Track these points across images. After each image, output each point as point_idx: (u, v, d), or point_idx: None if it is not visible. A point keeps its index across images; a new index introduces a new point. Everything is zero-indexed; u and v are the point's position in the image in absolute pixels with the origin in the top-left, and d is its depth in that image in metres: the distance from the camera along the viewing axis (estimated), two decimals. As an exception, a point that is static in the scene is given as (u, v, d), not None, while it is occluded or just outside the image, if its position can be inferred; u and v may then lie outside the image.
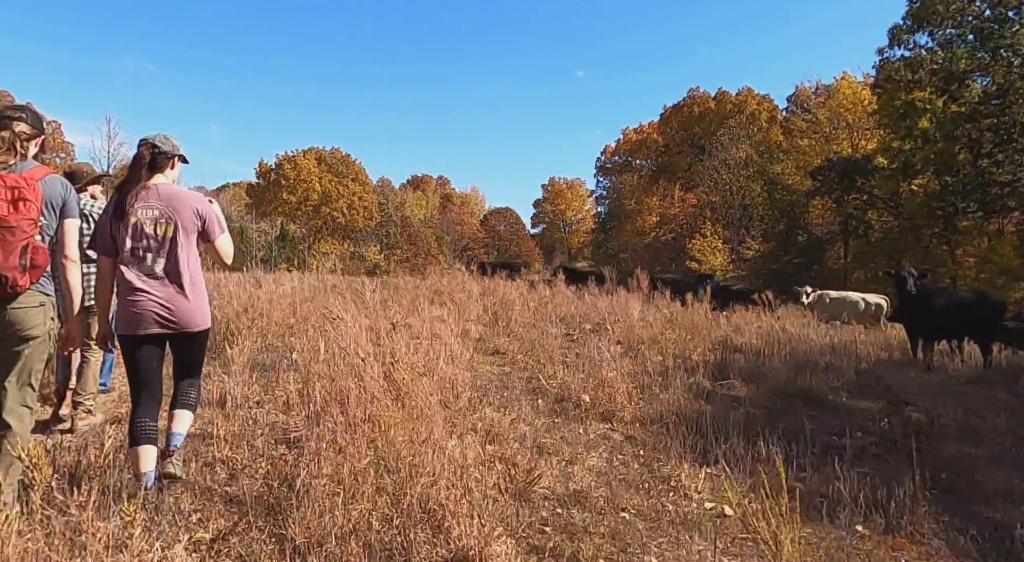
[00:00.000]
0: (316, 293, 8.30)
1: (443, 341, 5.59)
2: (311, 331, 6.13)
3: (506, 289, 11.18)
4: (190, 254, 2.71)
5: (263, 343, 5.62)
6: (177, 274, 2.65)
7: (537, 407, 4.50)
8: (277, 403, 4.13)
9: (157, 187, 2.70)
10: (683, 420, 4.12)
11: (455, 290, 10.67)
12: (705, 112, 46.85)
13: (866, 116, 30.45)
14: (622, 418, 4.27)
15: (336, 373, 3.84)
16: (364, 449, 2.61)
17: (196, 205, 2.74)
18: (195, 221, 2.72)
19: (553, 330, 7.35)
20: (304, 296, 7.67)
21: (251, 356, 5.03)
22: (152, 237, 2.62)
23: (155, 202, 2.66)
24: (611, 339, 7.53)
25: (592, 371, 5.01)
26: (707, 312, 9.94)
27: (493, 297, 10.28)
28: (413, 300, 9.36)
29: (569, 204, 69.64)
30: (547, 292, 11.88)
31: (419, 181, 69.09)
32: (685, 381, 5.40)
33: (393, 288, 10.91)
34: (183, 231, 2.67)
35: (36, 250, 2.37)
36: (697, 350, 7.37)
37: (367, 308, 7.76)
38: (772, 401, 5.27)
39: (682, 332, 7.94)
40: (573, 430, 4.05)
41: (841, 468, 3.12)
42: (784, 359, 6.96)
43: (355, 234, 48.94)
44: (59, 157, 41.38)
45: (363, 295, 9.50)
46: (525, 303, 9.76)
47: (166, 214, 2.65)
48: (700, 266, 32.71)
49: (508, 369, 5.77)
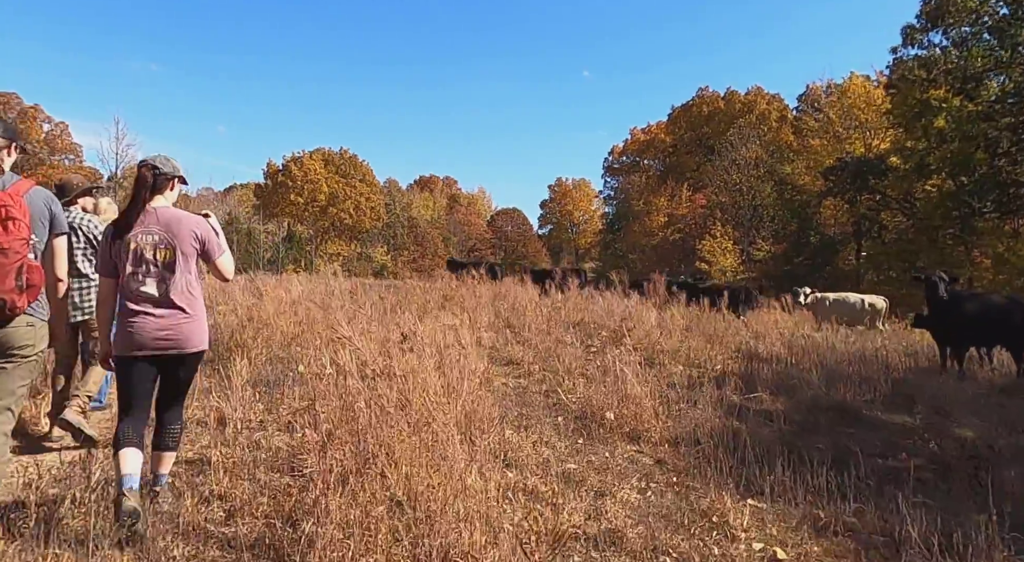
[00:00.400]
0: (323, 299, 8.04)
1: (459, 353, 5.32)
2: (319, 341, 5.88)
3: (517, 293, 10.91)
4: (189, 277, 2.74)
5: (268, 355, 5.36)
6: (176, 298, 2.68)
7: (558, 426, 4.22)
8: (281, 423, 3.86)
9: (156, 211, 2.73)
10: (716, 441, 3.82)
11: (465, 295, 10.41)
12: (714, 112, 46.44)
13: (879, 115, 29.97)
14: (650, 438, 3.98)
15: (345, 391, 3.58)
16: (377, 488, 2.33)
17: (195, 229, 2.76)
18: (194, 245, 2.75)
19: (569, 338, 7.07)
20: (312, 303, 7.42)
21: (255, 371, 4.77)
22: (151, 262, 2.65)
23: (154, 227, 2.68)
24: (630, 348, 7.24)
25: (615, 385, 4.72)
26: (724, 317, 9.64)
27: (504, 302, 10.01)
28: (423, 305, 9.10)
29: (576, 204, 69.32)
30: (559, 296, 11.60)
31: (426, 182, 68.96)
32: (712, 395, 5.10)
33: (402, 293, 10.66)
34: (182, 256, 2.71)
35: (31, 269, 2.33)
36: (718, 358, 7.07)
37: (377, 315, 7.50)
38: (805, 416, 4.97)
39: (702, 340, 7.64)
40: (599, 453, 3.76)
41: (902, 500, 2.82)
42: (812, 369, 6.65)
43: (362, 235, 48.79)
44: (67, 159, 41.40)
45: (373, 301, 9.26)
46: (537, 308, 9.48)
47: (165, 239, 2.68)
48: (710, 267, 32.34)
49: (524, 382, 5.49)
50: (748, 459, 3.48)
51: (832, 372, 6.47)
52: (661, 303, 10.06)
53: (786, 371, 6.54)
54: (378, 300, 8.72)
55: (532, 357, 6.23)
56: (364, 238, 48.94)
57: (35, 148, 38.56)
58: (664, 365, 6.59)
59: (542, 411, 4.55)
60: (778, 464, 3.27)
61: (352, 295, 8.80)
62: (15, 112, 38.26)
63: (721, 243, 32.64)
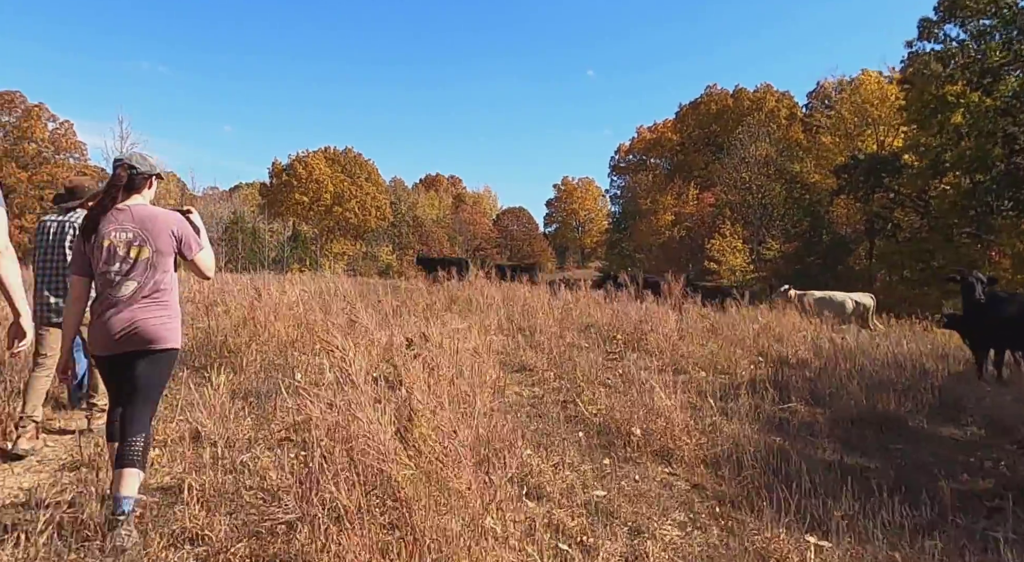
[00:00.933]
0: (325, 300, 7.64)
1: (470, 360, 4.92)
2: (319, 345, 5.48)
3: (526, 294, 10.49)
4: (164, 276, 2.68)
5: (262, 361, 4.96)
6: (149, 296, 2.63)
7: (580, 443, 3.80)
8: (272, 441, 3.46)
9: (131, 208, 2.67)
10: (760, 462, 3.40)
11: (472, 295, 9.99)
12: (723, 109, 45.83)
13: (893, 112, 29.39)
14: (683, 458, 3.55)
15: (343, 406, 3.17)
16: (378, 532, 1.92)
17: (172, 226, 2.70)
18: (171, 242, 2.68)
19: (585, 343, 6.64)
20: (312, 304, 7.01)
21: (246, 380, 4.37)
22: (125, 259, 2.60)
23: (129, 225, 2.63)
24: (648, 352, 6.82)
25: (639, 396, 4.30)
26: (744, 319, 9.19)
27: (513, 303, 9.59)
28: (429, 306, 8.70)
29: (582, 203, 68.85)
30: (569, 297, 11.16)
31: (432, 181, 68.59)
32: (745, 405, 4.67)
33: (407, 293, 10.26)
34: (157, 253, 2.65)
35: None
36: (744, 363, 6.63)
37: (381, 317, 7.10)
38: (849, 430, 4.54)
39: (725, 344, 7.20)
40: (628, 476, 3.34)
41: (999, 543, 2.39)
42: (846, 375, 6.20)
43: (367, 234, 48.48)
44: (72, 158, 41.19)
45: (377, 301, 8.85)
46: (548, 310, 9.06)
47: (140, 236, 2.62)
48: (719, 266, 31.84)
49: (539, 390, 5.07)
50: (802, 484, 3.05)
51: (868, 378, 6.03)
52: (678, 304, 9.61)
53: (818, 378, 6.10)
54: (383, 301, 8.32)
55: (546, 363, 5.81)
56: (369, 237, 48.61)
57: (38, 148, 38.44)
58: (687, 371, 6.16)
59: (561, 425, 4.13)
60: (842, 492, 2.85)
61: (356, 296, 8.41)
62: (19, 110, 38.12)
63: (731, 242, 32.13)
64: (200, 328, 5.85)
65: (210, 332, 5.57)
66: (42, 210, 36.11)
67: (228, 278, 10.72)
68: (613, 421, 4.04)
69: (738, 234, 32.49)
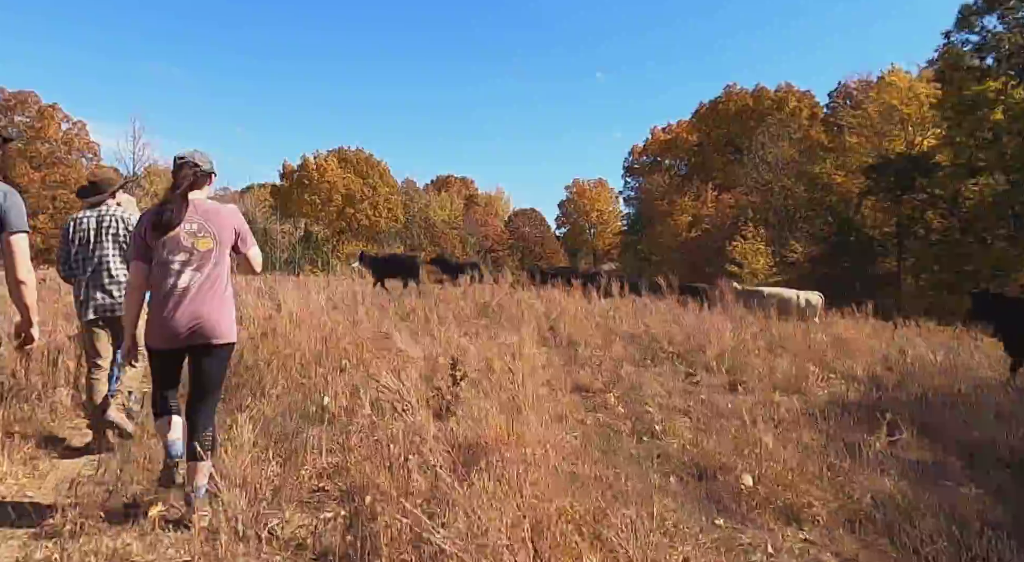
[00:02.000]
0: (349, 307, 6.99)
1: (513, 378, 4.24)
2: (346, 360, 4.82)
3: (561, 300, 9.80)
4: (223, 268, 2.76)
5: (285, 383, 4.29)
6: (209, 287, 2.68)
7: (671, 490, 3.10)
8: (303, 491, 2.79)
9: (195, 202, 2.75)
10: (906, 520, 2.68)
11: (505, 302, 9.32)
12: (743, 109, 44.82)
13: (923, 110, 28.39)
14: (815, 517, 2.84)
15: (385, 442, 2.51)
16: None
17: (234, 221, 2.82)
18: (231, 235, 2.78)
19: (636, 355, 5.95)
20: (336, 311, 6.36)
21: (268, 406, 3.72)
22: (189, 250, 2.66)
23: (194, 216, 2.71)
24: (707, 368, 6.11)
25: (731, 428, 3.59)
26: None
27: (548, 308, 8.90)
28: (458, 314, 8.03)
29: (593, 205, 68.12)
30: (604, 303, 10.46)
31: (443, 182, 68.01)
32: (845, 439, 3.94)
33: (431, 298, 9.59)
34: (219, 245, 2.73)
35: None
36: (818, 382, 5.90)
37: (412, 326, 6.43)
38: (987, 474, 3.79)
39: (789, 357, 6.47)
40: (756, 545, 2.63)
41: None
42: (938, 397, 5.46)
43: (379, 236, 48.00)
44: (85, 157, 40.99)
45: (404, 308, 8.19)
46: (587, 318, 8.36)
47: (204, 228, 2.70)
48: (741, 270, 30.95)
49: (603, 417, 4.36)
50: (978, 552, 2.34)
51: (966, 402, 5.28)
52: (729, 311, 8.88)
53: (906, 400, 5.36)
54: (411, 308, 7.67)
55: (603, 382, 5.11)
56: (381, 239, 48.11)
57: (52, 148, 38.25)
58: (755, 391, 5.44)
59: (642, 464, 3.43)
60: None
61: (381, 304, 7.76)
62: (33, 111, 37.97)
63: (753, 245, 31.19)
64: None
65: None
66: (54, 210, 35.93)
67: (242, 280, 10.13)
68: (708, 462, 3.33)
69: (761, 237, 31.56)
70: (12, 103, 37.41)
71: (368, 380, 4.64)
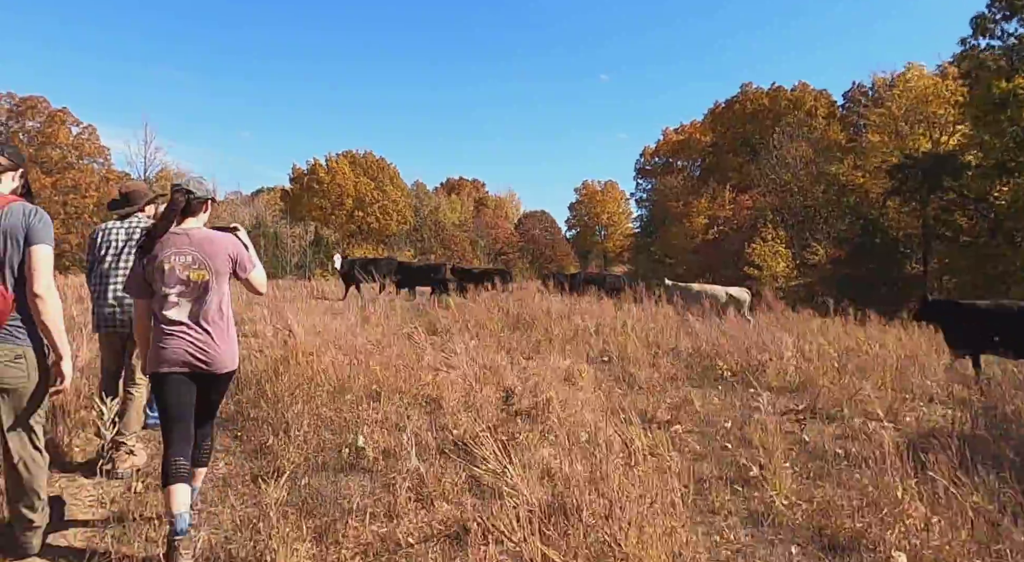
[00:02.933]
0: (367, 320, 6.44)
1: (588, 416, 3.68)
2: (376, 385, 4.26)
3: (592, 308, 9.22)
4: (222, 298, 2.75)
5: (312, 421, 3.73)
6: (209, 318, 2.69)
7: (793, 564, 2.50)
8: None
9: (189, 232, 2.73)
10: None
11: (535, 312, 8.73)
12: (760, 108, 44.02)
13: (948, 108, 27.59)
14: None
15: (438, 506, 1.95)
16: None
17: (228, 249, 2.77)
18: (228, 263, 2.76)
19: (693, 374, 5.36)
20: (358, 328, 5.80)
21: (294, 452, 3.17)
22: (185, 282, 2.66)
23: (187, 248, 2.69)
24: (772, 388, 5.50)
25: (842, 472, 2.99)
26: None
27: (582, 318, 8.31)
28: (495, 330, 7.45)
29: (604, 207, 67.47)
30: (633, 311, 9.86)
31: (454, 184, 67.61)
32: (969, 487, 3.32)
33: (457, 308, 9.03)
34: (216, 275, 2.71)
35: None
36: (902, 407, 5.26)
37: (442, 341, 5.86)
38: None
39: (861, 377, 5.83)
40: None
41: None
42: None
43: (389, 238, 47.59)
44: (96, 162, 40.81)
45: (429, 323, 7.63)
46: (625, 330, 7.76)
47: (199, 259, 2.69)
48: (760, 272, 30.23)
49: (680, 458, 3.76)
50: None
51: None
52: (782, 320, 8.25)
53: (1009, 428, 4.72)
54: (438, 319, 7.11)
55: (667, 410, 4.51)
56: (391, 242, 47.70)
57: (62, 153, 38.08)
58: (838, 418, 4.83)
59: (749, 532, 2.83)
60: None
61: (409, 317, 7.20)
62: (43, 116, 37.81)
63: (772, 247, 30.46)
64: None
65: (238, 380, 4.38)
66: (66, 215, 35.73)
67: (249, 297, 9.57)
68: (835, 527, 2.74)
69: (780, 238, 30.83)
70: (22, 108, 37.28)
71: (404, 410, 4.08)
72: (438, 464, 3.11)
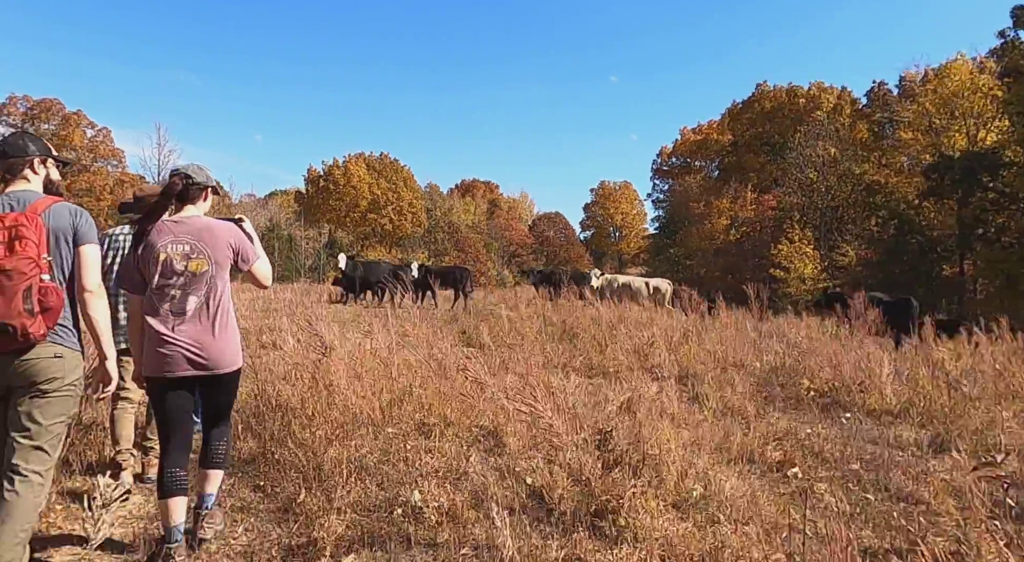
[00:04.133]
0: (421, 336, 5.68)
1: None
2: (426, 416, 3.52)
3: (640, 317, 8.44)
4: (222, 290, 2.53)
5: (352, 467, 2.98)
6: (208, 312, 2.48)
7: None
8: None
9: (187, 220, 2.54)
10: None
11: (580, 319, 7.97)
12: (778, 107, 42.92)
13: (986, 103, 26.43)
14: None
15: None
16: None
17: (229, 238, 2.57)
18: (228, 254, 2.55)
19: (770, 394, 4.57)
20: (391, 342, 5.04)
21: (336, 522, 2.43)
22: (182, 273, 2.45)
23: (185, 237, 2.49)
24: (877, 415, 4.71)
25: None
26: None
27: (631, 327, 7.52)
28: (535, 339, 6.69)
29: (618, 208, 66.64)
30: (682, 319, 9.06)
31: (468, 186, 67.05)
32: None
33: (493, 318, 8.27)
34: (216, 266, 2.50)
35: (44, 291, 2.16)
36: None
37: (485, 355, 5.09)
38: None
39: (990, 402, 5.00)
40: None
41: None
42: None
43: (403, 241, 47.03)
44: (111, 165, 40.57)
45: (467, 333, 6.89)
46: (685, 341, 6.98)
47: (197, 248, 2.49)
48: (787, 274, 29.19)
49: (821, 522, 2.97)
50: None
51: None
52: (872, 332, 7.40)
53: None
54: (473, 330, 6.38)
55: (775, 447, 3.72)
56: (405, 244, 47.13)
57: (77, 155, 37.87)
58: (986, 456, 3.99)
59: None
60: None
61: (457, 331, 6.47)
62: (58, 118, 37.62)
63: (799, 248, 29.38)
64: (248, 399, 3.92)
65: (263, 412, 3.64)
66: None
67: (277, 286, 8.93)
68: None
69: (807, 239, 29.75)
70: (37, 111, 37.11)
71: (463, 450, 3.33)
72: (518, 529, 2.36)
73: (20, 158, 2.34)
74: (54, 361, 2.20)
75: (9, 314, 2.08)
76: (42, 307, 2.14)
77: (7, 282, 2.09)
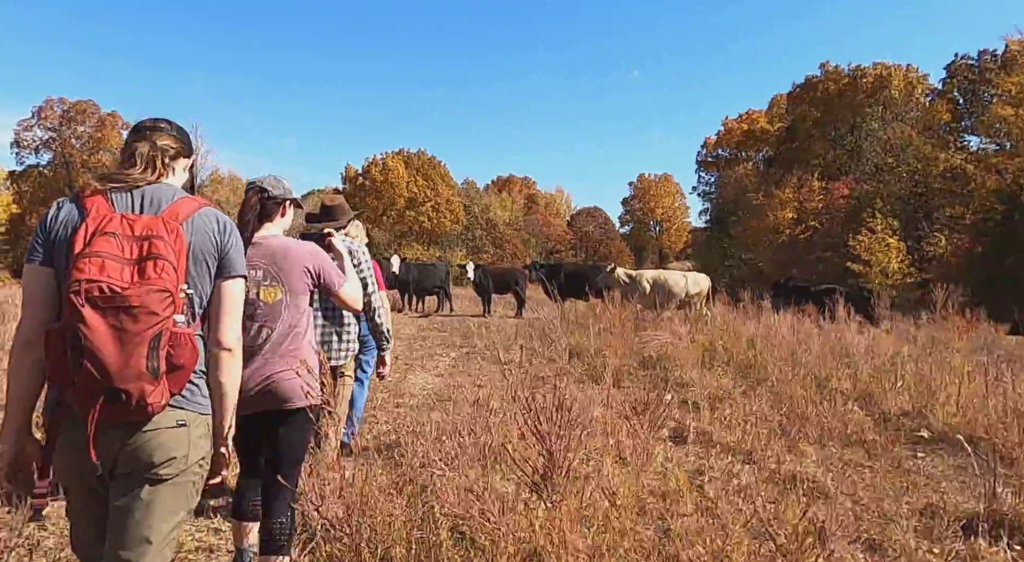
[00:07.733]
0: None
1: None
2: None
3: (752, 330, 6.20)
4: (299, 319, 2.28)
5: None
6: (281, 344, 2.23)
7: None
8: None
9: (263, 241, 2.31)
10: None
11: (664, 334, 5.78)
12: (844, 89, 39.13)
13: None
14: None
15: None
16: None
17: (307, 262, 2.31)
18: (306, 280, 2.30)
19: None
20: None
21: None
22: (255, 304, 2.19)
23: (259, 261, 2.25)
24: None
25: None
26: None
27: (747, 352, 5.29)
28: (619, 370, 4.54)
29: (658, 201, 64.08)
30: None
31: (504, 182, 65.38)
32: None
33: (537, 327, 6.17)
34: (290, 294, 2.26)
35: (177, 341, 1.44)
36: None
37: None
38: None
39: None
40: None
41: None
42: None
43: (440, 238, 45.58)
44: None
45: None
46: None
47: (271, 275, 2.26)
48: (868, 268, 26.05)
49: None
50: None
51: None
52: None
53: None
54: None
55: None
56: (443, 242, 45.65)
57: (114, 157, 37.58)
58: None
59: None
60: None
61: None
62: (94, 119, 37.40)
63: (881, 238, 26.17)
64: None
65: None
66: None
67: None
68: None
69: (891, 228, 26.53)
70: (73, 113, 36.91)
71: None
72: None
73: (178, 145, 1.67)
74: (176, 432, 1.49)
75: (125, 375, 1.35)
76: (170, 365, 1.43)
77: (132, 326, 1.35)
